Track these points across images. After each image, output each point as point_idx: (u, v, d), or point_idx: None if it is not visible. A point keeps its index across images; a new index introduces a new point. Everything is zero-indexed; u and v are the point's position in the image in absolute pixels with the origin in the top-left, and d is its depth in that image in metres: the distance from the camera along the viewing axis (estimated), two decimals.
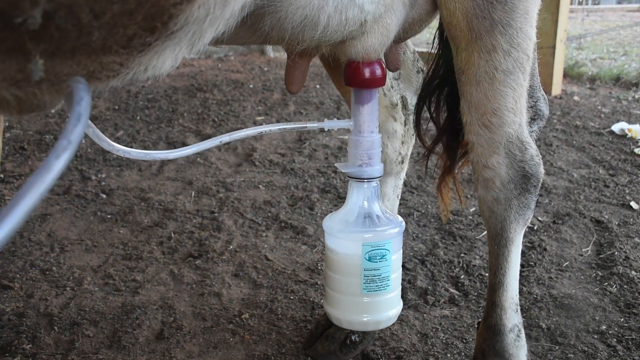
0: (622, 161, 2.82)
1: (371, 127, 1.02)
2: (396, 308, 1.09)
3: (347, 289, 1.04)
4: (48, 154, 0.47)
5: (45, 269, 1.85)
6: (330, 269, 1.07)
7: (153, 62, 0.65)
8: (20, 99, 0.60)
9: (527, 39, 1.05)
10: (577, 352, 1.48)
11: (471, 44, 1.03)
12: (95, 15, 0.55)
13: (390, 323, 1.09)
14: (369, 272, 1.02)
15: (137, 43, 0.61)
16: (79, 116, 0.53)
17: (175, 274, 1.84)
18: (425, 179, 2.59)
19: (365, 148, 1.03)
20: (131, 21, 0.58)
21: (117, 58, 0.61)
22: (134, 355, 1.47)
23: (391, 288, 1.05)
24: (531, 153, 1.14)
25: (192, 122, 3.44)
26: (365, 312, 1.05)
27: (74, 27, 0.55)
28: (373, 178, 1.04)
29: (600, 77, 4.61)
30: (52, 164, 0.47)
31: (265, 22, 0.83)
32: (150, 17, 0.59)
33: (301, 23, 0.84)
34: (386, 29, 0.97)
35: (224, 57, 5.35)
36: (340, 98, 3.90)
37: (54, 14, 0.52)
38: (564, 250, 1.99)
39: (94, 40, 0.57)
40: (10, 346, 1.48)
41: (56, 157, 0.47)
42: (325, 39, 0.89)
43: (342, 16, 0.86)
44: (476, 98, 1.07)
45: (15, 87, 0.58)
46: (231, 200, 2.37)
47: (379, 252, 1.01)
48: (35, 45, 0.54)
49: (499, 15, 1.01)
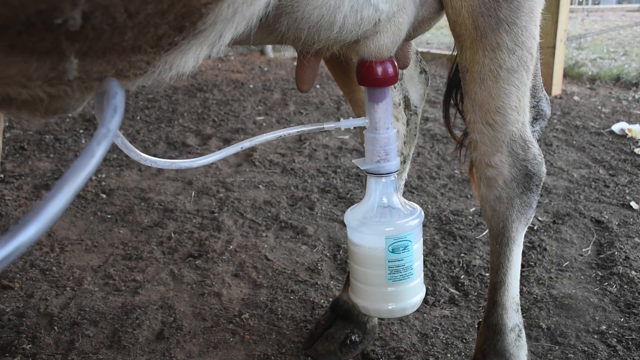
0: (622, 161, 2.82)
1: (387, 124, 1.04)
2: (420, 294, 1.12)
3: (373, 280, 1.07)
4: (88, 142, 0.51)
5: (45, 269, 1.85)
6: (355, 262, 1.09)
7: (177, 60, 0.67)
8: (52, 97, 0.61)
9: (532, 37, 1.06)
10: (577, 352, 1.48)
11: (476, 42, 1.03)
12: (130, 15, 0.56)
13: (415, 308, 1.13)
14: (393, 263, 1.04)
15: (165, 42, 0.62)
16: (115, 108, 0.56)
17: (175, 274, 1.84)
18: (425, 178, 2.60)
19: (382, 144, 1.05)
20: (163, 21, 0.59)
21: (145, 57, 0.63)
22: (134, 355, 1.47)
23: (414, 276, 1.08)
24: (534, 152, 1.14)
25: (192, 122, 3.44)
26: (391, 300, 1.08)
27: (109, 26, 0.56)
28: (391, 172, 1.06)
29: (600, 77, 4.61)
30: (95, 150, 0.50)
31: (282, 23, 0.83)
32: (181, 16, 0.60)
33: (317, 23, 0.84)
34: (398, 27, 0.98)
35: (224, 57, 5.35)
36: (340, 98, 3.90)
37: (91, 15, 0.53)
38: (564, 250, 1.99)
39: (126, 39, 0.58)
40: (10, 346, 1.48)
41: (97, 143, 0.51)
42: (340, 38, 0.90)
43: (358, 16, 0.87)
44: (480, 96, 1.07)
45: (48, 85, 0.59)
46: (231, 200, 2.37)
47: (402, 244, 1.03)
48: (70, 45, 0.55)
49: (504, 13, 1.01)
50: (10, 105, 0.63)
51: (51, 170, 2.67)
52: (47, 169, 2.68)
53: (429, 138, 3.08)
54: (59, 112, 0.71)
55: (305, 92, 1.13)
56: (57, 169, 2.68)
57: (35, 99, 0.60)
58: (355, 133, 3.18)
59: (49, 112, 0.69)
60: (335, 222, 2.20)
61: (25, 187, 2.48)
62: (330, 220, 2.21)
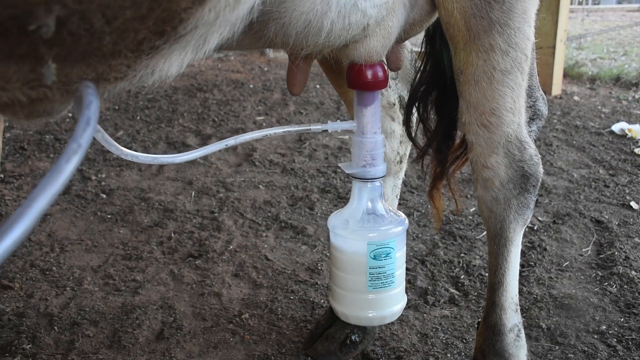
0: (622, 161, 2.82)
1: (374, 129, 1.04)
2: (401, 303, 1.11)
3: (353, 287, 1.07)
4: (58, 158, 0.48)
5: (45, 269, 1.85)
6: (336, 267, 1.08)
7: (160, 65, 0.66)
8: (32, 100, 0.61)
9: (525, 39, 1.05)
10: (577, 352, 1.48)
11: (469, 43, 1.03)
12: (108, 20, 0.56)
13: (395, 317, 1.12)
14: (374, 270, 1.04)
15: (146, 47, 0.62)
16: (88, 120, 0.54)
17: (175, 274, 1.84)
18: (424, 179, 2.59)
19: (369, 149, 1.04)
20: (142, 26, 0.59)
21: (125, 61, 0.62)
22: (134, 355, 1.47)
23: (396, 284, 1.07)
24: (530, 153, 1.14)
25: (192, 122, 3.44)
26: (371, 308, 1.07)
27: (86, 32, 0.56)
28: (376, 178, 1.05)
29: (600, 77, 4.61)
30: (63, 167, 0.48)
31: (269, 29, 0.83)
32: (161, 21, 0.60)
33: (305, 29, 0.84)
34: (388, 31, 0.97)
35: (224, 57, 5.35)
36: (340, 98, 3.90)
37: (67, 20, 0.53)
38: (564, 250, 1.99)
39: (104, 44, 0.58)
40: (10, 346, 1.48)
41: (67, 160, 0.48)
42: (328, 43, 0.89)
43: (346, 21, 0.87)
44: (475, 98, 1.07)
45: (28, 88, 0.59)
46: (231, 200, 2.37)
47: (384, 251, 1.03)
48: (48, 49, 0.55)
49: (496, 15, 1.01)
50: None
51: None
52: (47, 169, 2.68)
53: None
54: (42, 115, 0.70)
55: (296, 95, 1.14)
56: None
57: (15, 101, 0.60)
58: None
59: (32, 114, 0.68)
60: None
61: (25, 187, 2.48)
62: None
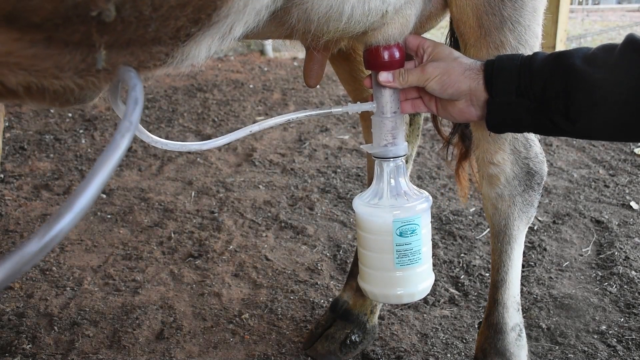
0: (622, 161, 2.82)
1: (394, 108, 1.04)
2: (428, 280, 1.11)
3: (381, 265, 1.07)
4: (113, 134, 0.53)
5: (45, 269, 1.85)
6: (363, 247, 1.09)
7: (192, 51, 0.71)
8: (80, 87, 0.65)
9: (534, 36, 1.06)
10: (577, 352, 1.48)
11: (480, 40, 1.04)
12: (155, 8, 0.61)
13: (424, 295, 1.12)
14: (401, 247, 1.04)
15: (183, 34, 0.67)
16: (136, 100, 0.59)
17: (175, 274, 1.84)
18: (425, 178, 2.60)
19: (389, 128, 1.05)
20: (182, 13, 0.64)
21: (164, 48, 0.67)
22: (134, 355, 1.47)
23: (423, 261, 1.07)
24: (535, 150, 1.15)
25: (192, 122, 3.44)
26: (399, 285, 1.07)
27: (136, 19, 0.60)
28: (398, 156, 1.06)
29: None
30: (119, 142, 0.52)
31: (292, 14, 0.86)
32: (198, 9, 0.65)
33: (327, 14, 0.86)
34: (406, 19, 0.99)
35: (224, 57, 5.35)
36: (341, 98, 3.91)
37: (122, 7, 0.58)
38: (564, 250, 1.99)
39: (149, 31, 0.63)
40: (10, 346, 1.48)
41: (121, 135, 0.53)
42: (348, 29, 0.91)
43: (366, 6, 0.89)
44: None
45: (78, 76, 0.63)
46: (231, 200, 2.37)
47: (410, 227, 1.03)
48: (99, 37, 0.60)
49: (508, 12, 1.02)
50: (43, 96, 0.66)
51: (51, 170, 2.67)
52: (47, 169, 2.68)
53: (429, 138, 3.08)
54: (77, 103, 0.75)
55: (312, 87, 1.15)
56: (57, 169, 2.68)
57: (66, 89, 0.65)
58: (356, 133, 3.18)
59: (69, 101, 0.73)
60: (335, 222, 2.20)
61: (25, 187, 2.48)
62: (330, 220, 2.21)
